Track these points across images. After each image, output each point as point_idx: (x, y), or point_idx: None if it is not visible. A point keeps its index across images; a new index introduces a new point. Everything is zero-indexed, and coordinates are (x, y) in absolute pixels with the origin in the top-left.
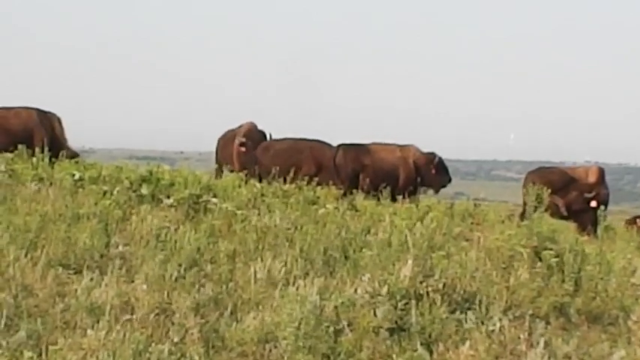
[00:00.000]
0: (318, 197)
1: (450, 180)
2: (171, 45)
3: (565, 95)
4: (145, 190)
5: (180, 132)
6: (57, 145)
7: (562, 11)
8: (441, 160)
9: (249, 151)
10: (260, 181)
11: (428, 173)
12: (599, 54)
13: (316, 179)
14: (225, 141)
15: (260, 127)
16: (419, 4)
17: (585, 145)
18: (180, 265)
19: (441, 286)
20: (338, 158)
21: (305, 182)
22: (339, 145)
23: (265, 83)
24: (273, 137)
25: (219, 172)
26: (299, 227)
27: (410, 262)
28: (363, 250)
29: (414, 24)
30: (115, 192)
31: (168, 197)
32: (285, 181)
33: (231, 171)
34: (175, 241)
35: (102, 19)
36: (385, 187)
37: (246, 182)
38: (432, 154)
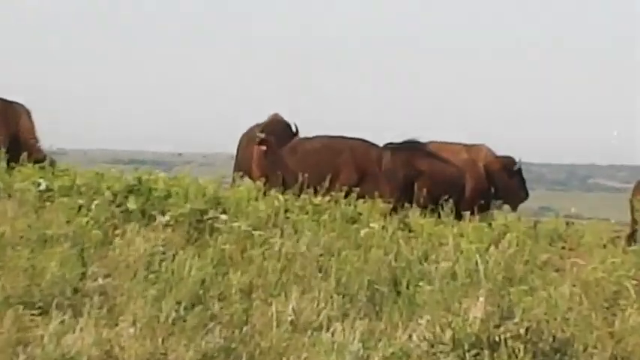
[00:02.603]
0: (360, 213)
1: (526, 195)
2: (166, 28)
3: None
4: (132, 204)
5: (177, 129)
6: (22, 145)
7: None
8: (520, 167)
9: (272, 152)
10: (284, 191)
11: (504, 182)
12: None
13: (358, 189)
14: (249, 140)
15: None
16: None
17: None
18: (178, 303)
19: (522, 331)
20: (386, 162)
21: (343, 193)
22: (387, 145)
23: (275, 74)
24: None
25: (237, 180)
26: (335, 253)
27: (482, 299)
28: (420, 283)
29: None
30: (93, 206)
31: (164, 213)
32: (316, 191)
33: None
34: (173, 272)
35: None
36: (447, 200)
37: (265, 193)
38: (510, 158)
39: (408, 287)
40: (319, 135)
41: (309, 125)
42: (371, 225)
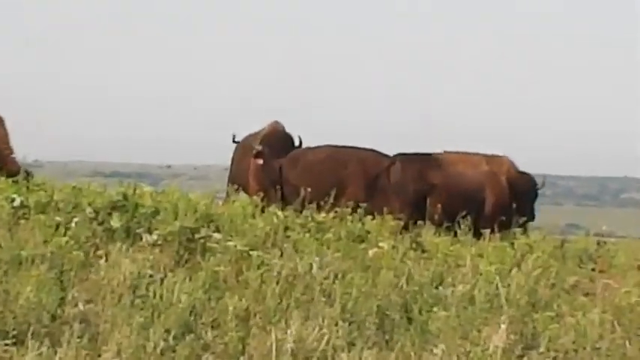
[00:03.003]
0: (368, 232)
1: (533, 218)
2: (154, 32)
3: None
4: (116, 222)
5: (165, 139)
6: None
7: None
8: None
9: (269, 165)
10: (284, 207)
11: (527, 197)
12: None
13: (366, 205)
14: (245, 150)
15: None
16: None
17: None
18: (167, 332)
19: None
20: (395, 175)
21: (349, 209)
22: (396, 156)
23: (273, 77)
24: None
25: (232, 195)
26: (340, 275)
27: (503, 326)
28: (434, 309)
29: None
30: (72, 224)
31: (151, 232)
32: (319, 207)
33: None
34: (161, 296)
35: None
36: (465, 217)
37: (262, 210)
38: (527, 174)
39: (420, 313)
40: (323, 145)
41: (310, 135)
42: (380, 244)
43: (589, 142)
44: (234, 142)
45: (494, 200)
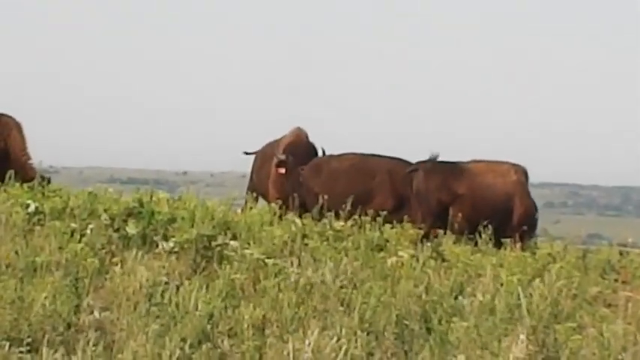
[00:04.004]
0: (387, 240)
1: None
2: (169, 36)
3: None
4: (132, 229)
5: (182, 145)
6: (11, 162)
7: None
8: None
9: (291, 173)
10: (301, 215)
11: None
12: None
13: (388, 214)
14: (264, 158)
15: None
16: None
17: None
18: (184, 340)
19: None
20: (418, 183)
21: (369, 218)
22: (419, 164)
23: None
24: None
25: (250, 203)
26: (359, 285)
27: (523, 337)
28: (454, 319)
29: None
30: (88, 231)
31: (167, 239)
32: (337, 215)
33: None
34: (177, 305)
35: (81, 8)
36: (486, 226)
37: (280, 217)
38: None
39: (440, 323)
40: (347, 152)
41: (328, 140)
42: (399, 253)
43: (612, 150)
44: (246, 154)
45: (522, 210)
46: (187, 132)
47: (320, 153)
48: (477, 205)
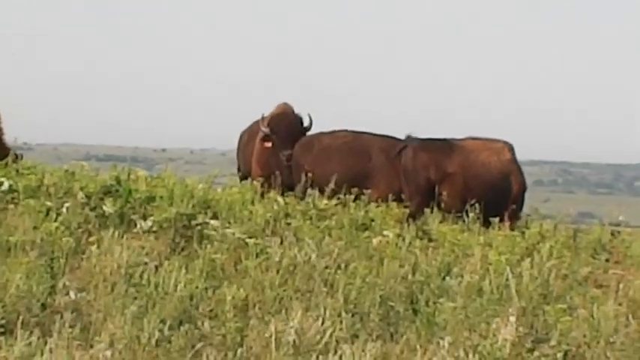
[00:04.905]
0: (372, 219)
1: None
2: (149, 13)
3: None
4: (109, 208)
5: (161, 122)
6: None
7: None
8: None
9: (278, 148)
10: (284, 193)
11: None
12: None
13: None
14: (250, 135)
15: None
16: None
17: None
18: (163, 322)
19: (560, 355)
20: (406, 160)
21: (352, 196)
22: (408, 140)
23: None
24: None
25: (242, 179)
26: (343, 265)
27: (513, 319)
28: (441, 300)
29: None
30: (63, 210)
31: (145, 218)
32: (321, 192)
33: (244, 177)
34: (156, 285)
35: None
36: (474, 205)
37: (262, 196)
38: None
39: (427, 305)
40: (340, 130)
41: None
42: (384, 233)
43: (603, 128)
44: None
45: (516, 189)
46: (166, 107)
47: (307, 122)
48: (469, 184)
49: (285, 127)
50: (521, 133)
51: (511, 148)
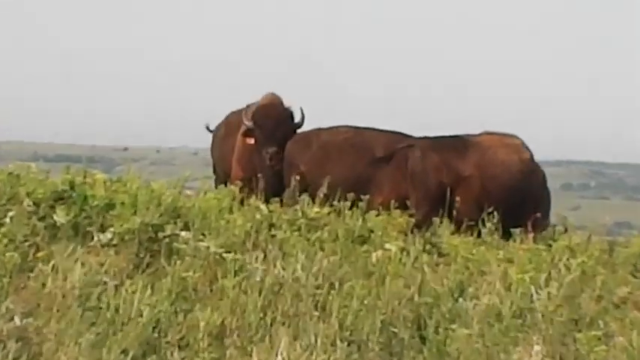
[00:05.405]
0: (372, 230)
1: None
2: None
3: None
4: (61, 217)
5: (121, 117)
6: None
7: None
8: None
9: (263, 145)
10: (268, 199)
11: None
12: None
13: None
14: (229, 129)
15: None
16: None
17: None
18: (124, 352)
19: None
20: (413, 162)
21: (348, 202)
22: (415, 139)
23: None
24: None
25: (220, 184)
26: (337, 284)
27: (537, 347)
28: (453, 326)
29: None
30: (7, 220)
31: (104, 230)
32: (312, 199)
33: (223, 182)
34: (117, 309)
35: None
36: (492, 212)
37: (242, 202)
38: None
39: (436, 331)
40: (341, 125)
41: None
42: (386, 246)
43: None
44: (208, 130)
45: (541, 194)
46: (128, 98)
47: (298, 116)
48: (487, 187)
49: (273, 120)
50: (544, 129)
51: (528, 148)
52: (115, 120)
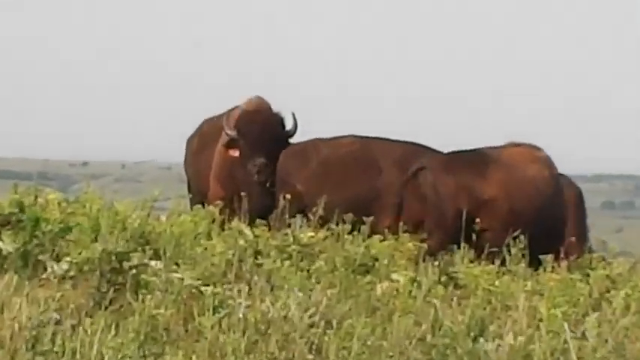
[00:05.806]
0: (376, 259)
1: None
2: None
3: None
4: (8, 245)
5: (81, 127)
6: None
7: None
8: None
9: (248, 158)
10: (253, 221)
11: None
12: None
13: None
14: (205, 139)
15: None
16: None
17: None
18: None
19: None
20: (426, 185)
21: (349, 225)
22: (428, 159)
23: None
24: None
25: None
26: (335, 322)
27: None
28: None
29: None
30: None
31: (59, 259)
32: (307, 218)
33: (197, 202)
34: (74, 353)
35: None
36: (518, 237)
37: (223, 226)
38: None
39: None
40: (344, 135)
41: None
42: (393, 277)
43: None
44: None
45: (577, 215)
46: (87, 107)
47: (290, 124)
48: (515, 209)
49: (259, 128)
50: (581, 140)
51: (553, 162)
52: (72, 130)
